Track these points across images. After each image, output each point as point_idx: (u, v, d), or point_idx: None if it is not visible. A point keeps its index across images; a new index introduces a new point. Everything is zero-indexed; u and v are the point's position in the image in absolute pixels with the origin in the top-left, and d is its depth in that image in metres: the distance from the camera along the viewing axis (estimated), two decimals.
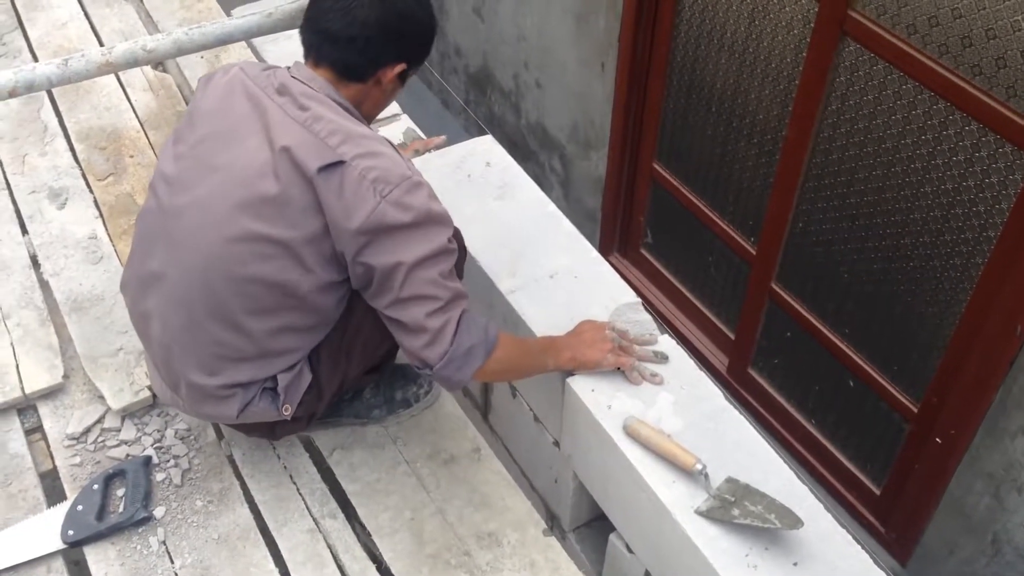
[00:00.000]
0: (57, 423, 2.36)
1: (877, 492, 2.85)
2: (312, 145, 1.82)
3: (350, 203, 1.80)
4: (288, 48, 3.14)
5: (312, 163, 1.80)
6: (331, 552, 2.17)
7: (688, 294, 3.45)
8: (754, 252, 3.02)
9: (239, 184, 1.86)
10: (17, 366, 2.43)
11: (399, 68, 1.92)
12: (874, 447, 2.85)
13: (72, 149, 3.08)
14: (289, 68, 1.96)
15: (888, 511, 2.80)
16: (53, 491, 2.28)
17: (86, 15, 3.55)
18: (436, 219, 1.86)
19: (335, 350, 2.06)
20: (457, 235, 2.11)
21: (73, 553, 2.16)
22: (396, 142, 2.60)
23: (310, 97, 1.88)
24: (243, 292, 1.90)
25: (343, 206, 1.81)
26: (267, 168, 1.83)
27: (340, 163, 1.80)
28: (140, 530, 2.18)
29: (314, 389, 2.06)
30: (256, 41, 3.23)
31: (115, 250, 2.75)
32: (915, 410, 2.63)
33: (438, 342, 1.87)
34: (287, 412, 2.03)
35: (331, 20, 1.89)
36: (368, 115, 2.01)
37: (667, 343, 2.23)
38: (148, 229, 2.04)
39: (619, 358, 2.10)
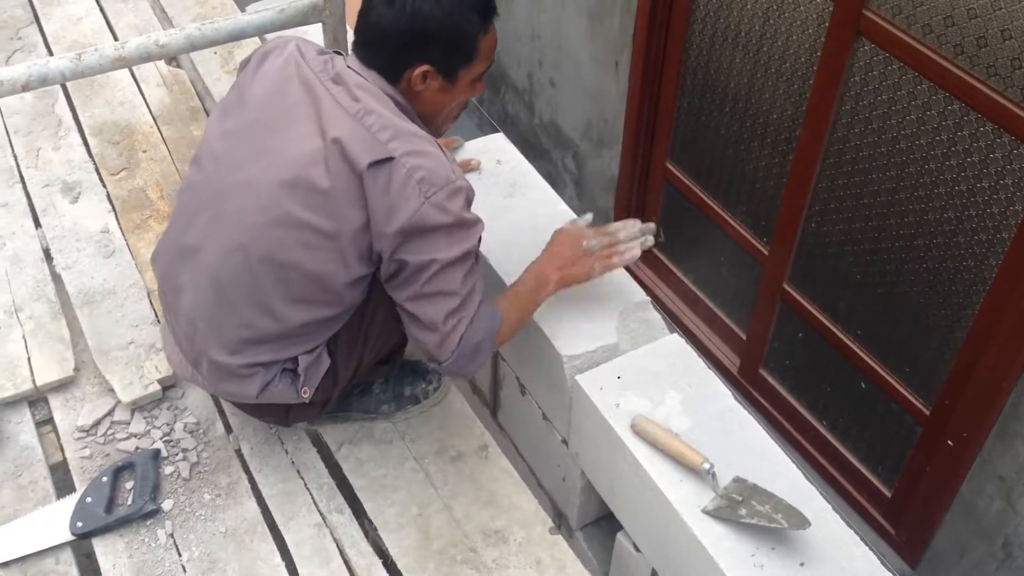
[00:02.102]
0: (67, 415, 2.38)
1: (888, 494, 2.83)
2: (363, 139, 1.84)
3: (395, 201, 1.83)
4: None
5: (363, 158, 1.82)
6: (338, 547, 2.17)
7: (700, 294, 3.44)
8: (766, 252, 3.00)
9: (288, 169, 1.88)
10: (29, 359, 2.45)
11: (421, 69, 1.91)
12: (885, 449, 2.83)
13: (86, 143, 3.09)
14: (346, 57, 1.97)
15: (899, 513, 2.79)
16: (63, 483, 2.30)
17: (101, 10, 3.57)
18: (470, 224, 1.91)
19: (353, 335, 2.08)
20: None
21: (82, 545, 2.17)
22: None
23: (364, 89, 1.90)
24: (281, 277, 1.93)
25: (387, 204, 1.83)
26: (318, 157, 1.85)
27: (389, 159, 1.82)
28: (148, 523, 2.19)
29: (331, 374, 2.08)
30: (269, 36, 3.24)
31: (127, 244, 2.76)
32: (927, 412, 2.61)
33: (447, 342, 1.94)
34: (306, 395, 2.05)
35: (358, 25, 1.93)
36: (424, 117, 2.00)
37: (676, 342, 2.23)
38: (190, 202, 2.05)
39: (606, 262, 2.17)
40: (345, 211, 1.86)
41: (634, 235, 2.24)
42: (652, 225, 2.25)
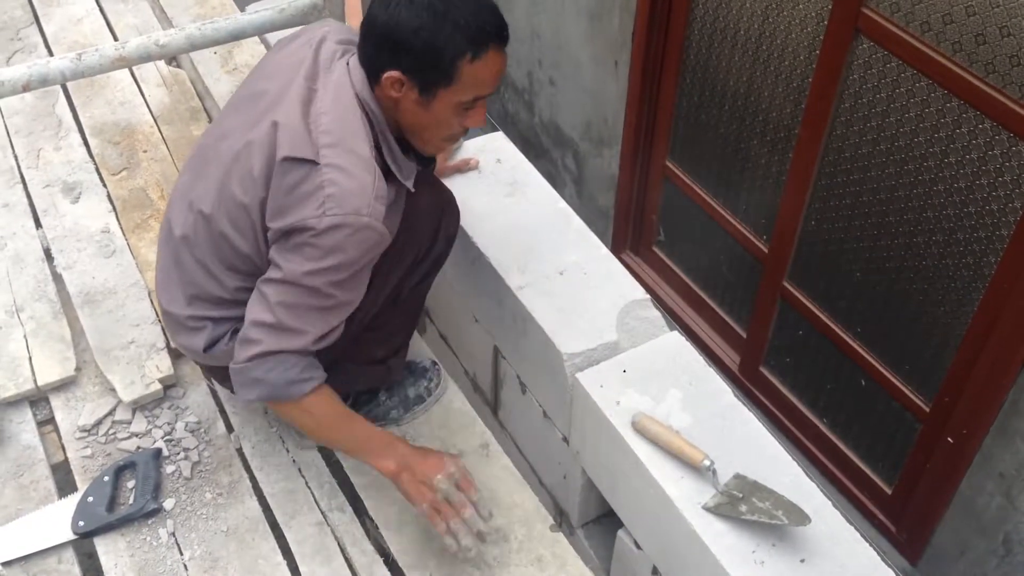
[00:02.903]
0: (69, 415, 2.38)
1: (888, 491, 2.84)
2: (298, 132, 1.81)
3: (291, 203, 1.78)
4: None
5: (284, 149, 1.80)
6: (339, 545, 2.18)
7: (700, 292, 3.45)
8: (766, 250, 3.01)
9: (240, 145, 1.89)
10: (30, 358, 2.45)
11: (391, 74, 1.81)
12: (886, 446, 2.84)
13: (86, 144, 3.10)
14: (354, 56, 1.92)
15: (899, 510, 2.79)
16: (64, 482, 2.30)
17: (101, 11, 3.58)
18: (335, 266, 1.80)
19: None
20: (446, 214, 2.14)
21: (84, 544, 2.18)
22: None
23: (339, 89, 1.86)
24: (218, 244, 1.95)
25: (284, 203, 1.79)
26: (261, 139, 1.85)
27: (311, 162, 1.78)
28: (150, 522, 2.19)
29: None
30: (269, 36, 3.24)
31: (128, 244, 2.77)
32: (927, 409, 2.61)
33: (241, 349, 1.88)
34: None
35: (363, 19, 1.90)
36: (406, 128, 1.93)
37: (676, 339, 2.23)
38: (186, 163, 2.12)
39: (433, 513, 1.96)
40: (262, 195, 1.84)
41: (467, 544, 1.99)
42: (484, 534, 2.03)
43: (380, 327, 2.15)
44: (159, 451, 2.31)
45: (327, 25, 2.06)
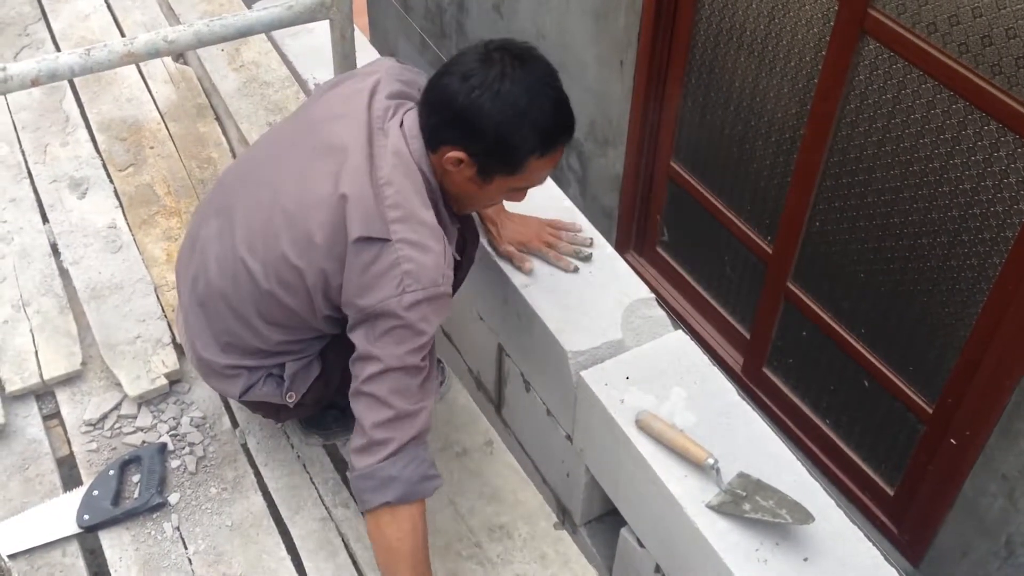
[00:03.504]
0: (74, 409, 2.39)
1: (891, 493, 2.84)
2: (367, 208, 1.76)
3: (370, 282, 1.76)
4: (308, 42, 3.16)
5: (356, 228, 1.75)
6: (343, 540, 2.18)
7: (704, 293, 3.45)
8: (770, 251, 3.01)
9: (294, 207, 1.84)
10: (36, 352, 2.46)
11: (456, 154, 1.79)
12: (888, 448, 2.84)
13: (93, 139, 3.10)
14: (408, 113, 1.88)
15: (902, 512, 2.79)
16: (70, 476, 2.31)
17: (109, 7, 3.59)
18: (424, 335, 1.78)
19: (347, 345, 2.05)
20: (468, 243, 2.14)
21: (88, 538, 2.19)
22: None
23: (399, 156, 1.82)
24: (260, 301, 1.91)
25: (363, 282, 1.76)
26: (323, 207, 1.80)
27: (384, 240, 1.75)
28: (155, 516, 2.20)
29: (322, 379, 2.07)
30: (276, 34, 3.25)
31: (134, 240, 2.77)
32: (930, 411, 2.62)
33: (375, 449, 1.79)
34: (291, 399, 2.05)
35: (430, 82, 1.84)
36: (451, 197, 1.92)
37: (681, 338, 2.24)
38: (215, 197, 2.06)
39: None
40: (322, 264, 1.81)
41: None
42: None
43: None
44: (164, 446, 2.31)
45: (379, 68, 2.00)
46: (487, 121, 1.74)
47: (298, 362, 2.03)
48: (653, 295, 2.31)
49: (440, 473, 1.86)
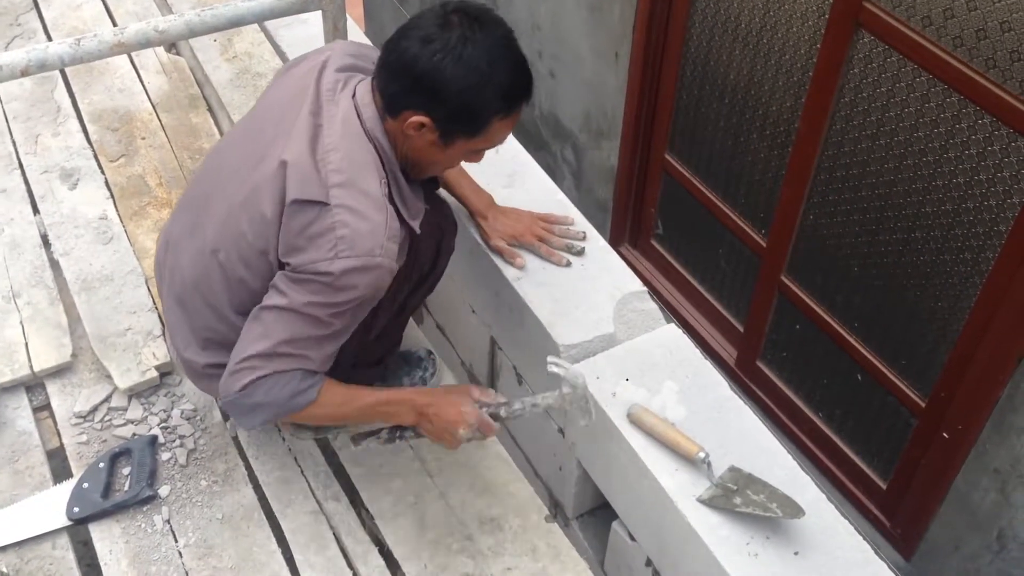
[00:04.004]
0: (65, 401, 2.38)
1: (883, 486, 2.84)
2: (307, 173, 1.76)
3: (303, 245, 1.75)
4: (301, 32, 3.14)
5: (293, 191, 1.76)
6: (334, 534, 2.18)
7: (698, 286, 3.45)
8: (764, 244, 3.01)
9: (249, 187, 1.85)
10: (26, 344, 2.45)
11: (418, 119, 1.77)
12: (881, 441, 2.84)
13: (84, 130, 3.09)
14: (360, 83, 1.87)
15: (894, 505, 2.79)
16: (60, 468, 2.30)
17: None
18: (344, 301, 1.78)
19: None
20: (445, 234, 2.12)
21: (79, 530, 2.18)
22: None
23: (347, 124, 1.82)
24: (232, 289, 1.91)
25: (295, 244, 1.76)
26: (268, 179, 1.81)
27: (321, 204, 1.74)
28: (145, 508, 2.19)
29: None
30: (269, 24, 3.23)
31: (125, 231, 2.76)
32: (923, 405, 2.62)
33: (230, 382, 1.82)
34: None
35: (386, 46, 1.82)
36: (410, 163, 1.90)
37: (673, 331, 2.23)
38: (186, 196, 2.07)
39: (451, 444, 1.97)
40: (275, 235, 1.81)
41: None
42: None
43: (382, 336, 2.14)
44: (155, 438, 2.31)
45: (331, 48, 2.00)
46: (450, 86, 1.73)
47: None
48: (645, 288, 2.30)
49: (321, 377, 1.86)
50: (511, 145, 2.65)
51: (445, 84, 1.73)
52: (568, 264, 2.30)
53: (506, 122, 1.83)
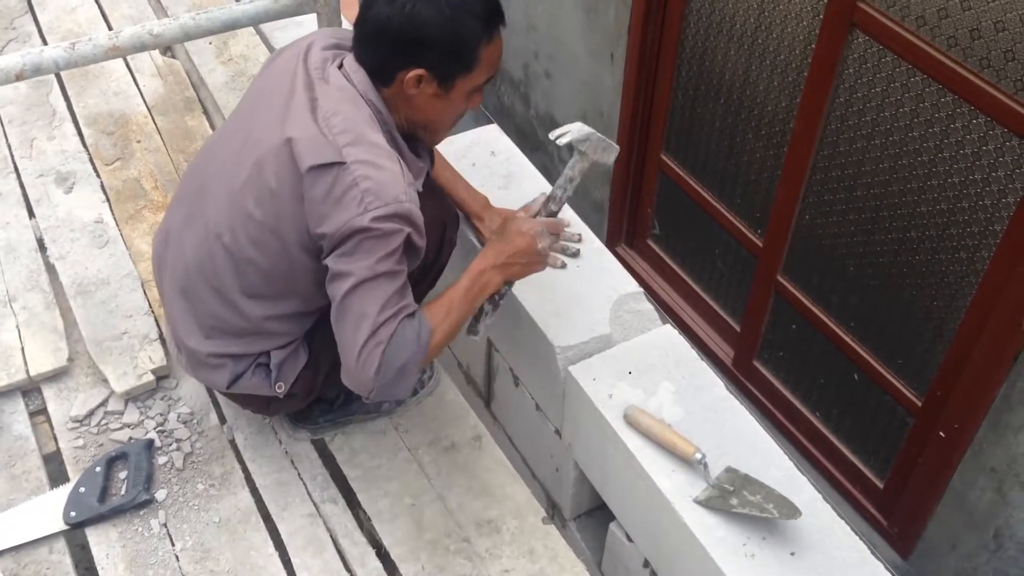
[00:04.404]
0: (61, 405, 2.38)
1: (880, 485, 2.84)
2: (316, 141, 1.78)
3: (331, 208, 1.76)
4: (296, 34, 3.12)
5: (307, 159, 1.77)
6: (331, 537, 2.18)
7: (694, 286, 3.45)
8: (761, 244, 3.01)
9: (249, 166, 1.87)
10: (22, 348, 2.45)
11: (414, 73, 1.82)
12: (878, 440, 2.84)
13: (80, 134, 3.09)
14: (347, 57, 1.91)
15: (891, 505, 2.79)
16: (56, 473, 2.30)
17: (96, 0, 3.56)
18: (396, 245, 1.80)
19: (332, 332, 2.05)
20: (448, 227, 2.13)
21: (75, 535, 2.18)
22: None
23: (343, 91, 1.85)
24: (240, 271, 1.92)
25: (323, 210, 1.77)
26: (272, 156, 1.83)
27: (339, 164, 1.76)
28: (142, 512, 2.19)
29: (310, 368, 2.06)
30: (265, 27, 3.24)
31: (121, 234, 2.76)
32: (919, 404, 2.62)
33: (363, 373, 1.81)
34: (280, 390, 2.04)
35: (357, 21, 1.88)
36: (413, 125, 1.94)
37: (669, 332, 2.23)
38: (183, 187, 2.09)
39: (548, 262, 2.06)
40: (287, 210, 1.82)
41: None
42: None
43: None
44: (151, 442, 2.30)
45: (312, 36, 2.03)
46: (431, 28, 1.78)
47: (283, 350, 2.03)
48: (641, 289, 2.30)
49: (421, 313, 1.88)
50: (507, 146, 2.66)
51: (426, 28, 1.78)
52: (563, 266, 2.30)
53: (491, 48, 1.87)
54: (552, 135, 2.01)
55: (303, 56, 1.93)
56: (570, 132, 2.00)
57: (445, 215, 2.16)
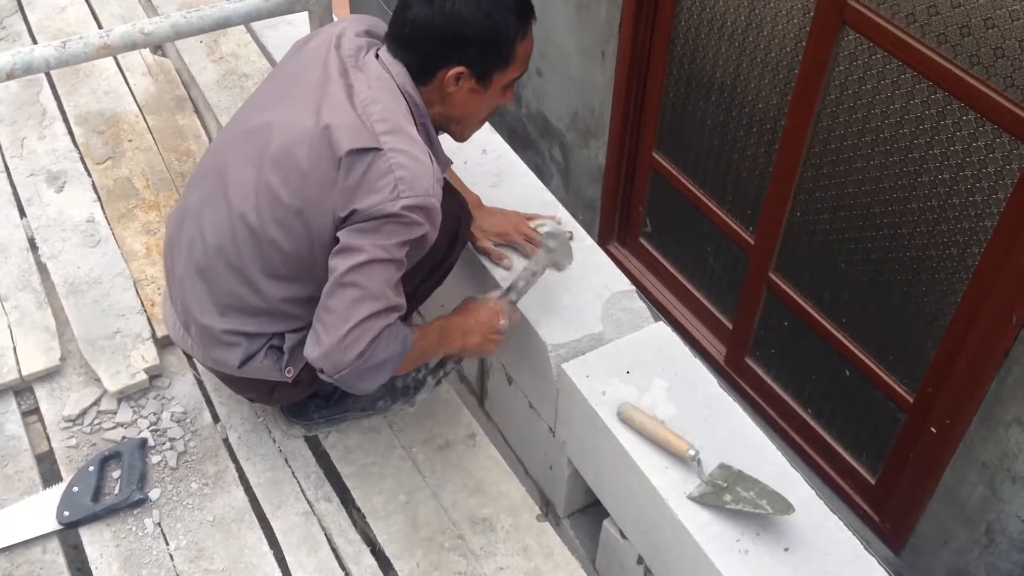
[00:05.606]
0: (54, 405, 2.37)
1: (872, 481, 2.85)
2: (354, 127, 1.81)
3: (363, 190, 1.78)
4: (288, 33, 3.14)
5: (345, 144, 1.79)
6: (325, 535, 2.18)
7: (686, 283, 3.45)
8: (752, 242, 3.01)
9: (278, 147, 1.88)
10: (14, 348, 2.44)
11: (455, 71, 1.86)
12: (870, 436, 2.85)
13: (71, 133, 3.08)
14: (382, 48, 1.93)
15: (883, 500, 2.81)
16: (49, 472, 2.30)
17: None
18: (418, 234, 1.83)
19: None
20: (462, 223, 2.16)
21: (69, 534, 2.17)
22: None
23: (381, 81, 1.87)
24: (262, 252, 1.93)
25: (352, 188, 1.79)
26: (305, 138, 1.84)
27: (376, 149, 1.78)
28: (135, 512, 2.19)
29: None
30: (255, 25, 3.23)
31: (113, 234, 2.75)
32: (911, 399, 2.63)
33: (351, 347, 1.82)
34: (289, 374, 2.04)
35: (393, 21, 1.90)
36: (447, 120, 1.98)
37: (661, 329, 2.24)
38: (204, 164, 2.10)
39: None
40: (316, 193, 1.83)
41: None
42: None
43: None
44: (145, 441, 2.30)
45: (342, 23, 2.04)
46: (472, 25, 1.82)
47: (297, 334, 2.02)
48: (633, 287, 2.31)
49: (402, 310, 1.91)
50: (498, 144, 2.66)
51: (467, 25, 1.82)
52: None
53: (525, 43, 1.91)
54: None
55: (335, 43, 1.95)
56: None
57: (460, 212, 2.18)
